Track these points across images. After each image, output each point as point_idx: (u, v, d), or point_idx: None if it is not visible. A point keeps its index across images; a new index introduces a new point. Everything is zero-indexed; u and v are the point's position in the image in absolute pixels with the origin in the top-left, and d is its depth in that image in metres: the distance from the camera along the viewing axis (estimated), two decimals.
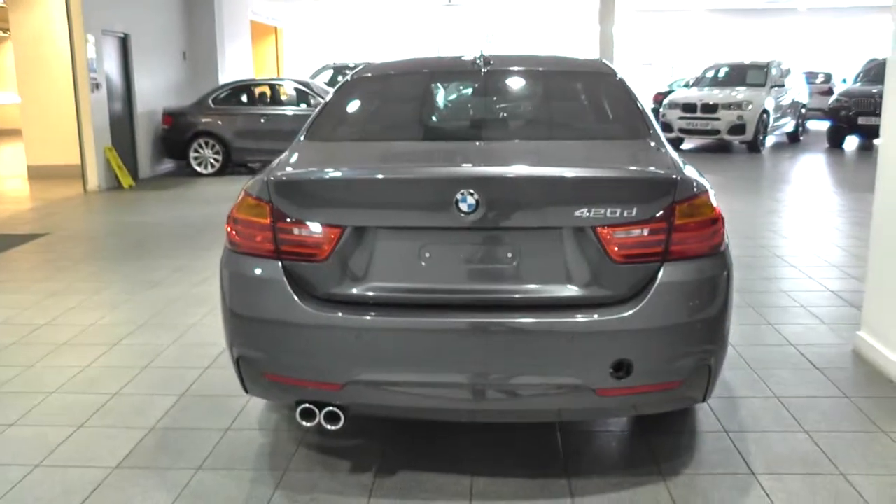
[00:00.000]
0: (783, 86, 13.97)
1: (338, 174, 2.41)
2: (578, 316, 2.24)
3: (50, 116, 10.84)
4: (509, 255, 2.29)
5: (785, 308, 4.56)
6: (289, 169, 2.48)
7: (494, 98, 3.22)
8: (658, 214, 2.27)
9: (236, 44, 14.50)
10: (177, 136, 11.19)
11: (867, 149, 13.45)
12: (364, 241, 2.31)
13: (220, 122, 11.18)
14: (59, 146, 10.74)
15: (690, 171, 2.46)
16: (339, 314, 2.27)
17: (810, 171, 11.03)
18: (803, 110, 15.18)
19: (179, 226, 7.58)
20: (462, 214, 2.21)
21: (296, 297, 2.29)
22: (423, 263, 2.29)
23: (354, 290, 2.32)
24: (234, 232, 2.47)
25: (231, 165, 11.38)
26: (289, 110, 11.44)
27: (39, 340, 4.21)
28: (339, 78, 15.56)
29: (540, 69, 3.31)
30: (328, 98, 3.18)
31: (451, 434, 2.96)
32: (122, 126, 10.62)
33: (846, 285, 5.03)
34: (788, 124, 14.40)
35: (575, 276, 2.29)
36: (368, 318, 2.27)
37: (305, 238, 2.31)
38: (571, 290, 2.29)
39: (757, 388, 3.40)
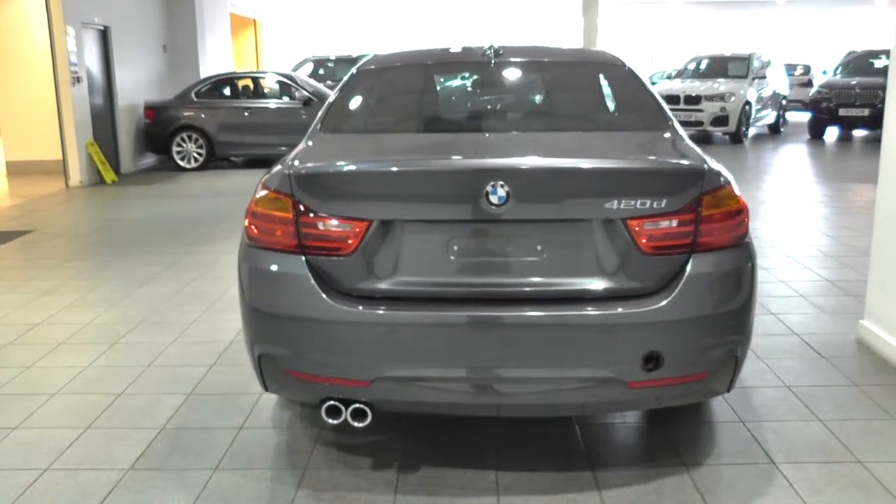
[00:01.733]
0: (764, 77, 14.10)
1: (364, 167, 2.37)
2: (610, 308, 2.23)
3: (29, 111, 10.60)
4: (538, 247, 2.27)
5: (785, 297, 4.59)
6: (311, 162, 2.43)
7: (509, 89, 3.19)
8: (686, 205, 2.26)
9: (216, 36, 14.29)
10: (159, 130, 11.01)
11: (847, 140, 13.65)
12: (391, 235, 2.27)
13: (203, 116, 11.02)
14: (39, 141, 10.51)
15: (714, 163, 2.45)
16: (368, 310, 2.23)
17: (794, 162, 11.15)
18: (784, 102, 15.35)
19: (167, 221, 7.46)
20: (492, 207, 2.19)
21: (322, 293, 2.25)
22: (452, 257, 2.26)
23: (382, 285, 2.28)
24: (253, 226, 2.41)
25: (215, 160, 11.23)
26: (273, 103, 11.32)
27: (36, 340, 4.11)
28: (321, 71, 15.42)
29: (551, 60, 3.28)
30: (339, 89, 3.12)
31: (468, 428, 2.93)
32: (103, 120, 10.42)
33: (841, 274, 5.08)
34: (770, 115, 14.55)
35: (604, 269, 2.28)
36: (397, 313, 2.23)
37: (330, 232, 2.27)
38: (601, 283, 2.28)
39: (767, 377, 3.42)
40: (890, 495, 2.50)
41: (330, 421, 2.37)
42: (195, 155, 11.04)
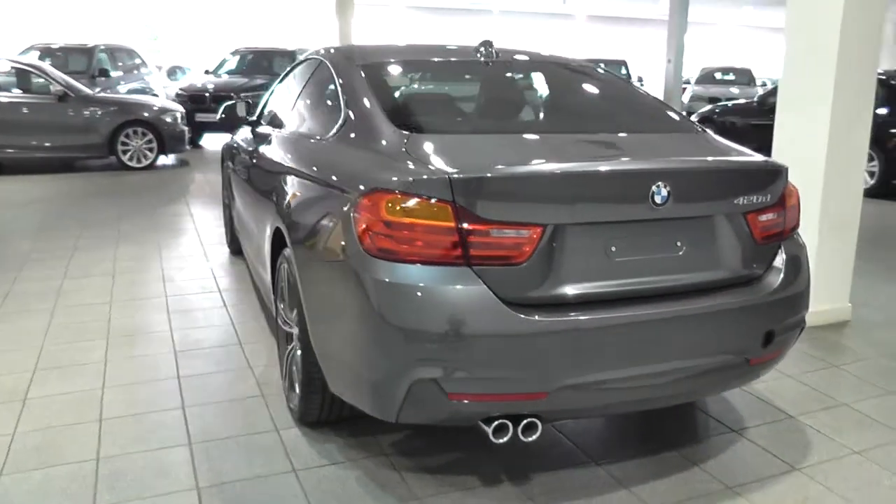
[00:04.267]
0: None
1: (540, 170, 2.21)
2: (748, 294, 2.44)
3: None
4: (678, 243, 2.38)
5: None
6: (464, 166, 2.19)
7: (544, 91, 3.21)
8: (779, 198, 2.56)
9: None
10: None
11: None
12: (556, 240, 2.20)
13: None
14: None
15: None
16: (548, 318, 2.13)
17: None
18: None
19: None
20: (656, 207, 2.25)
21: (504, 306, 2.09)
22: (612, 258, 2.28)
23: (550, 292, 2.19)
24: (386, 237, 2.14)
25: None
26: (22, 97, 9.63)
27: None
28: (48, 60, 13.28)
29: (559, 62, 3.40)
30: (370, 87, 2.76)
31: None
32: None
33: None
34: None
35: (732, 259, 2.48)
36: (573, 319, 2.16)
37: (505, 240, 2.11)
38: (730, 272, 2.48)
39: None
40: (884, 426, 3.06)
41: (497, 441, 2.21)
42: None
